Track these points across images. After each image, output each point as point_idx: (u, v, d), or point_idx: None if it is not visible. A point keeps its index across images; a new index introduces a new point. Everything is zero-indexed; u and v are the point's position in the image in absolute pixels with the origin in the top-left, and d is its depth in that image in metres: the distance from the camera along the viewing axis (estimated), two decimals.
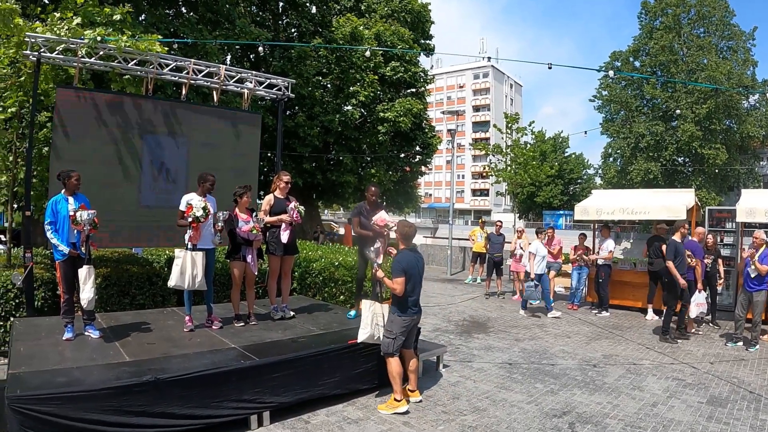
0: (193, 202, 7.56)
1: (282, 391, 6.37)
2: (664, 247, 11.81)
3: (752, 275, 10.38)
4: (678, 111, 40.63)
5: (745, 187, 39.41)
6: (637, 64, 47.35)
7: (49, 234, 6.92)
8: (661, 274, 11.76)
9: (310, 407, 6.70)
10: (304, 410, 6.62)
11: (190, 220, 7.43)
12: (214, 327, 7.85)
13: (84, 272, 6.94)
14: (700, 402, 7.38)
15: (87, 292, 6.93)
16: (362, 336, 7.10)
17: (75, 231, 6.97)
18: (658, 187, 32.64)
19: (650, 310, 13.36)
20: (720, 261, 12.91)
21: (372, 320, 7.16)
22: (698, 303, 11.34)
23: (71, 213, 6.91)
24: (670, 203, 13.47)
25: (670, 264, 10.88)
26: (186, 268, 7.51)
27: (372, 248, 7.92)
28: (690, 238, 12.01)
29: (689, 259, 11.27)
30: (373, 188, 8.99)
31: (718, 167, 41.84)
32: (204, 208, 7.45)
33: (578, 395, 7.57)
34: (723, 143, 42.16)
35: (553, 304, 13.66)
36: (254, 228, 7.94)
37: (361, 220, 8.67)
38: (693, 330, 11.80)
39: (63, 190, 7.14)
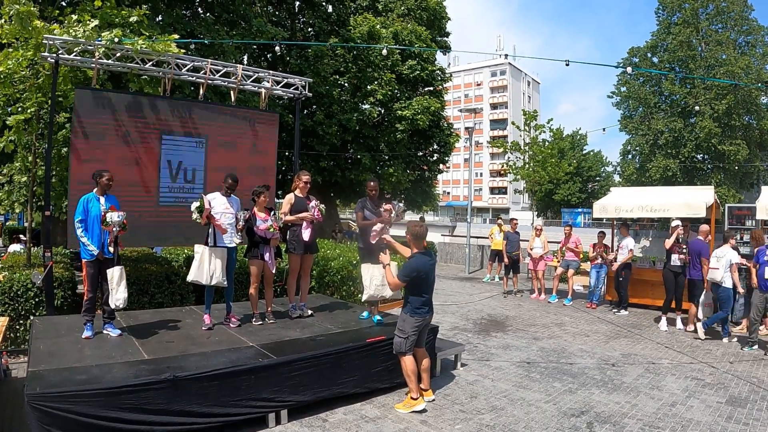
0: (194, 204, 7.65)
1: (300, 389, 6.38)
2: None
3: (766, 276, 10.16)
4: (697, 107, 40.32)
5: (766, 184, 39.01)
6: (655, 60, 47.09)
7: (79, 232, 6.96)
8: None
9: (328, 406, 6.71)
10: (322, 409, 6.63)
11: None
12: (231, 325, 7.89)
13: (117, 273, 7.02)
14: (719, 402, 7.31)
15: (122, 293, 7.01)
16: (365, 297, 8.01)
17: (104, 231, 7.03)
18: (677, 185, 32.45)
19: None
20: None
21: (371, 282, 7.89)
22: (706, 303, 11.24)
23: (102, 213, 6.97)
24: (690, 200, 13.37)
25: None
26: (204, 263, 7.57)
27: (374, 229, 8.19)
28: (697, 236, 11.90)
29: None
30: (371, 183, 8.85)
31: (738, 164, 41.44)
32: (198, 207, 7.55)
33: (596, 394, 7.53)
34: (743, 139, 41.76)
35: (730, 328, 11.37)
36: (271, 226, 7.98)
37: (365, 214, 8.59)
38: (691, 327, 11.69)
39: (95, 189, 7.19)
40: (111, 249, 7.09)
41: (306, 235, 8.45)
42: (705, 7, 44.66)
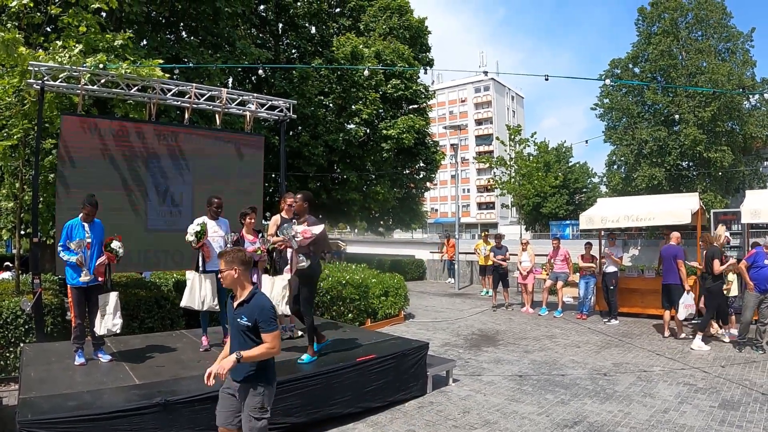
0: (190, 227, 7.65)
1: (293, 411, 6.35)
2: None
3: None
4: (677, 116, 40.72)
5: (750, 188, 39.31)
6: (636, 70, 47.46)
7: (61, 254, 6.97)
8: None
9: (321, 427, 6.67)
10: (315, 430, 6.59)
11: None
12: None
13: (113, 299, 7.09)
14: (711, 406, 7.35)
15: (118, 318, 7.10)
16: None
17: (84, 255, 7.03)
18: (663, 193, 32.63)
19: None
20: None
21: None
22: (687, 305, 11.32)
23: (87, 241, 6.99)
24: (675, 208, 13.46)
25: None
26: (195, 289, 7.59)
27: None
28: (669, 243, 12.00)
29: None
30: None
31: (723, 170, 41.75)
32: (197, 233, 7.54)
33: (589, 404, 7.54)
34: (727, 145, 42.10)
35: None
36: (259, 249, 7.99)
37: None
38: (683, 335, 11.76)
39: (80, 215, 7.20)
40: (100, 278, 7.12)
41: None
42: (684, 16, 45.08)
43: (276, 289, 7.68)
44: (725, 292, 11.75)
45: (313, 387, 6.57)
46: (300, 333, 8.82)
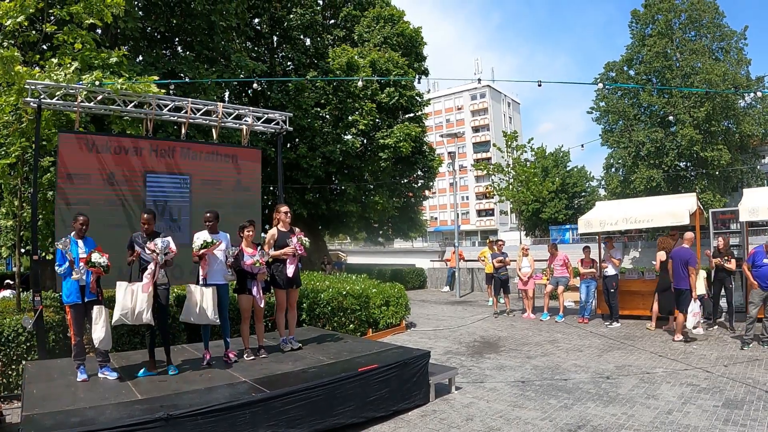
0: (202, 238, 7.65)
1: (297, 422, 6.34)
2: None
3: None
4: (671, 117, 40.84)
5: (748, 186, 39.34)
6: (631, 72, 47.64)
7: (59, 269, 6.99)
8: None
9: None
10: None
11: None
12: (229, 362, 7.88)
13: (95, 312, 6.99)
14: (715, 406, 7.34)
15: (98, 332, 6.96)
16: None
17: (84, 273, 7.02)
18: (661, 194, 32.65)
19: None
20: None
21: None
22: (694, 312, 11.34)
23: (82, 256, 6.98)
24: (673, 209, 13.47)
25: None
26: (195, 302, 7.57)
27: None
28: (682, 245, 11.97)
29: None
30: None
31: (721, 168, 41.84)
32: (205, 243, 7.54)
33: (592, 408, 7.53)
34: (724, 144, 42.20)
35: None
36: (258, 261, 7.98)
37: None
38: (680, 337, 11.73)
39: (72, 233, 7.21)
40: (95, 290, 7.10)
41: (290, 270, 8.47)
42: (678, 17, 45.32)
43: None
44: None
45: (316, 398, 6.57)
46: (299, 345, 8.82)
